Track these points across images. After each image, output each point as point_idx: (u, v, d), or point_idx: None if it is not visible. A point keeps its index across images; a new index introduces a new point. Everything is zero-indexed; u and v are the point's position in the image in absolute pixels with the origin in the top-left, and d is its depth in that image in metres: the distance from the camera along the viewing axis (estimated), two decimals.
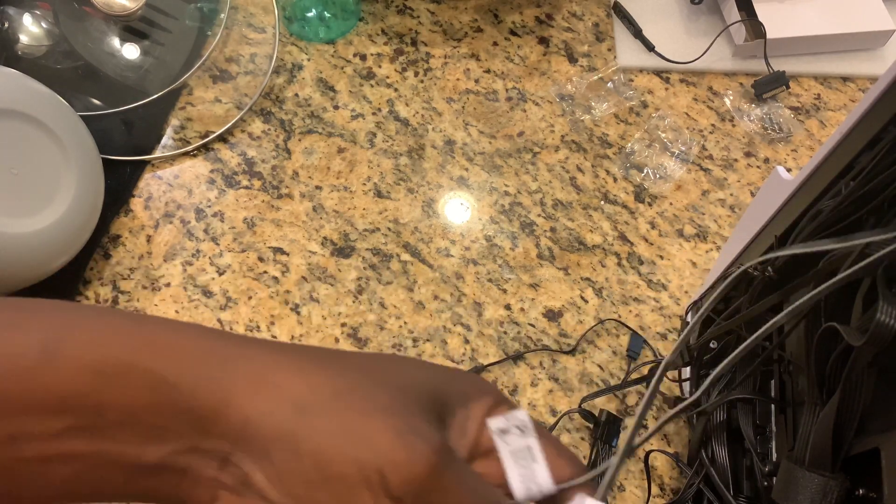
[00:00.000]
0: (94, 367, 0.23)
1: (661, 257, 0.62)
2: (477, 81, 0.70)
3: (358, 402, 0.24)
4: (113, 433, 0.23)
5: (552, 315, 0.59)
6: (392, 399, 0.24)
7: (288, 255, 0.61)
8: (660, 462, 0.53)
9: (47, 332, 0.24)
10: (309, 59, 0.71)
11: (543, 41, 0.73)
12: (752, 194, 0.65)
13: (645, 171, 0.65)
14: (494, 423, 0.26)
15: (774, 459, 0.41)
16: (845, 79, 0.71)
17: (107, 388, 0.23)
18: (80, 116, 0.59)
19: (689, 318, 0.53)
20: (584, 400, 0.54)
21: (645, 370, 0.56)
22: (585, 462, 0.52)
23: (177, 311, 0.58)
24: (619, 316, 0.59)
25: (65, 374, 0.23)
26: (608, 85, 0.70)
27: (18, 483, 0.23)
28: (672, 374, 0.52)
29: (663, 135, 0.67)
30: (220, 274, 0.60)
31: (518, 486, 0.25)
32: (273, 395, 0.24)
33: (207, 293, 0.59)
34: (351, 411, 0.24)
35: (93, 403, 0.23)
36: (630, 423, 0.54)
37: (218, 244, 0.61)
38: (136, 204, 0.63)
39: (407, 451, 0.23)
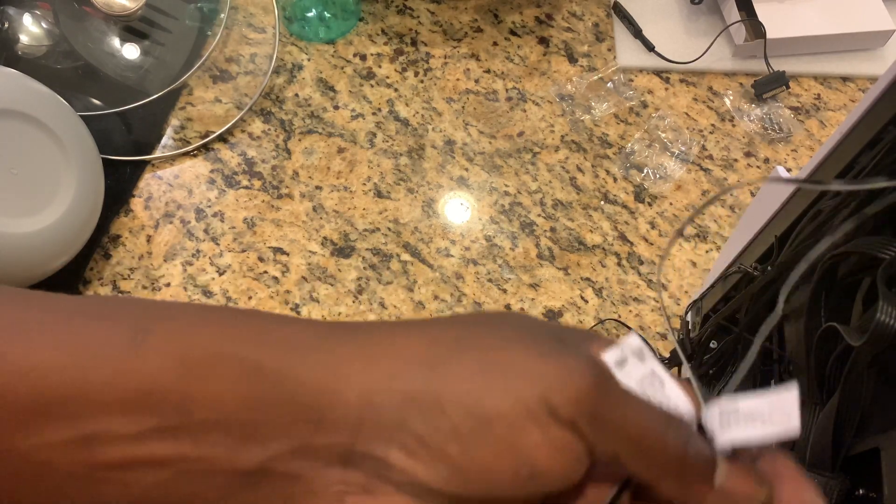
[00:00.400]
0: (181, 358, 0.21)
1: (661, 257, 0.62)
2: (477, 81, 0.70)
3: (486, 339, 0.21)
4: (202, 434, 0.20)
5: (552, 315, 0.59)
6: (517, 332, 0.22)
7: (288, 255, 0.61)
8: None
9: (137, 322, 0.21)
10: (309, 59, 0.71)
11: (543, 41, 0.73)
12: (752, 194, 0.65)
13: (645, 171, 0.65)
14: (610, 355, 0.23)
15: None
16: (845, 79, 0.71)
17: (195, 381, 0.21)
18: (80, 116, 0.59)
19: (689, 318, 0.53)
20: None
21: None
22: None
23: None
24: (619, 316, 0.59)
25: (150, 366, 0.21)
26: (608, 85, 0.70)
27: (92, 495, 0.21)
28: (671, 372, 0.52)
29: (663, 135, 0.67)
30: (221, 274, 0.60)
31: None
32: (392, 357, 0.21)
33: (207, 293, 0.59)
34: (484, 349, 0.21)
35: (179, 399, 0.20)
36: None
37: (218, 244, 0.61)
38: (136, 204, 0.63)
39: (563, 369, 0.20)
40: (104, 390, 0.20)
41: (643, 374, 0.23)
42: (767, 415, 0.21)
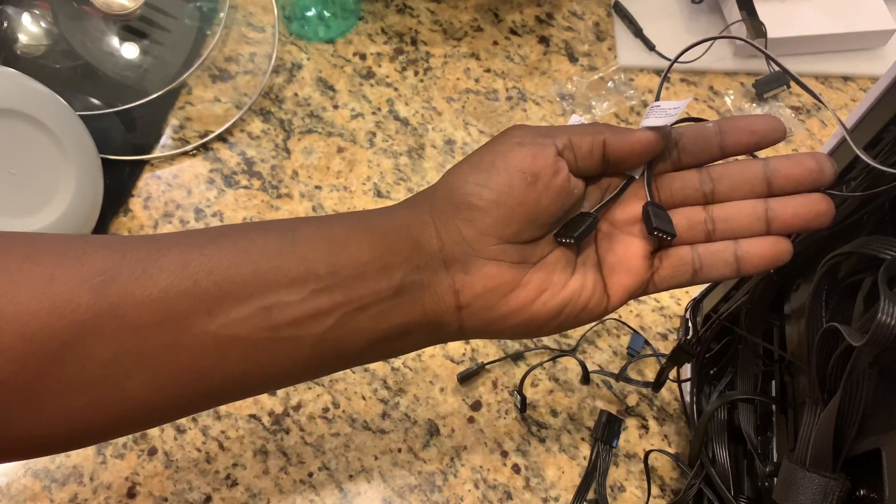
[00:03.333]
0: (325, 239, 0.30)
1: None
2: (477, 81, 0.70)
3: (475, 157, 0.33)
4: (350, 285, 0.29)
5: None
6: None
7: None
8: (660, 463, 0.53)
9: (283, 224, 0.30)
10: (308, 59, 0.71)
11: (544, 40, 0.72)
12: None
13: None
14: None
15: (775, 460, 0.41)
16: (846, 78, 0.71)
17: (339, 252, 0.29)
18: (80, 116, 0.59)
19: (688, 317, 0.53)
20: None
21: (645, 368, 0.56)
22: (585, 463, 0.52)
23: None
24: (620, 316, 0.59)
25: (304, 250, 0.29)
26: (609, 84, 0.70)
27: (273, 354, 0.28)
28: (672, 373, 0.52)
29: None
30: None
31: None
32: (427, 195, 0.33)
33: None
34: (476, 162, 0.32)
35: (329, 267, 0.29)
36: (631, 422, 0.54)
37: None
38: (136, 204, 0.63)
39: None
40: (272, 274, 0.28)
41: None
42: (669, 110, 0.32)
